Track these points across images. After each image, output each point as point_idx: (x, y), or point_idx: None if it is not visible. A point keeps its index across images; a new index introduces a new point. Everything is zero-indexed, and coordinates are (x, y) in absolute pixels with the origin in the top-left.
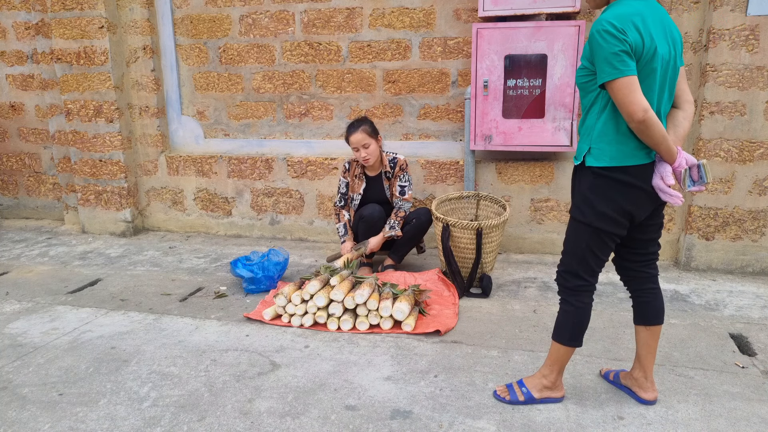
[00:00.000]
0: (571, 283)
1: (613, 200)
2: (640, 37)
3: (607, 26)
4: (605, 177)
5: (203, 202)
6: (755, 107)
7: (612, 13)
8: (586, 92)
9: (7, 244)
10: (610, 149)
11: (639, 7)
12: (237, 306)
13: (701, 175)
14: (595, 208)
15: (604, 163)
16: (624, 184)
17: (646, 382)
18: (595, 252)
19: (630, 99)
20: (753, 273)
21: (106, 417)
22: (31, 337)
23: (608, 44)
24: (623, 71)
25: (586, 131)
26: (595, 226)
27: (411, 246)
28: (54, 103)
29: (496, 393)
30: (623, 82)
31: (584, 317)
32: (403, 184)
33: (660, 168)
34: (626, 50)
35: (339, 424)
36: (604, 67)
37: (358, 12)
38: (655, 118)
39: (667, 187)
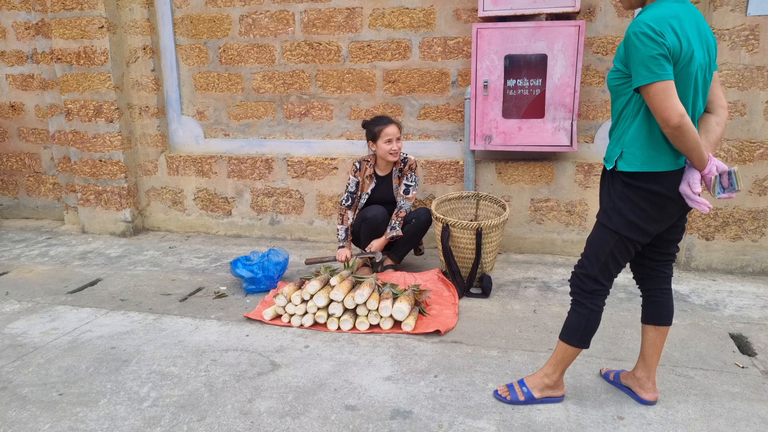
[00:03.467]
0: (589, 287)
1: (644, 210)
2: (678, 40)
3: (645, 28)
4: (637, 188)
5: (203, 202)
6: (755, 107)
7: (649, 14)
8: (618, 95)
9: (7, 244)
10: (641, 154)
11: (677, 9)
12: (237, 306)
13: (731, 182)
14: (625, 216)
15: (635, 168)
16: (655, 195)
17: (648, 382)
18: (617, 259)
19: (666, 104)
20: (753, 273)
21: (106, 417)
22: (31, 337)
23: (645, 47)
24: (660, 75)
25: (617, 135)
26: (622, 234)
27: (411, 246)
28: (54, 103)
29: (496, 392)
30: (660, 87)
31: (597, 320)
32: (409, 183)
33: (689, 175)
34: (664, 53)
35: (339, 424)
36: (640, 70)
37: (358, 12)
38: (690, 124)
39: (694, 194)
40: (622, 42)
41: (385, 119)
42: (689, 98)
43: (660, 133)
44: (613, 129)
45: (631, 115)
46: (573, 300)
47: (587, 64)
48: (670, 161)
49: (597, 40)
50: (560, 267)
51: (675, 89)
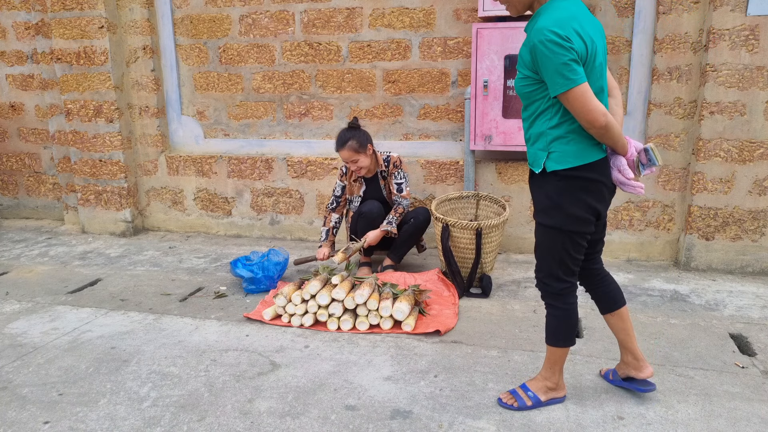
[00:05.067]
0: (555, 287)
1: (581, 200)
2: (583, 41)
3: (552, 36)
4: (571, 178)
5: (203, 202)
6: (755, 107)
7: (550, 19)
8: (532, 100)
9: (7, 244)
10: (570, 149)
11: (571, 8)
12: (237, 306)
13: (650, 158)
14: (565, 210)
15: (567, 164)
16: (590, 181)
17: (638, 361)
18: (572, 253)
19: (588, 107)
20: (753, 273)
21: (106, 417)
22: (31, 337)
23: (556, 55)
24: (576, 80)
25: (537, 137)
26: (567, 230)
27: (410, 246)
28: (54, 103)
29: (501, 401)
30: (578, 92)
31: (574, 317)
32: (399, 181)
33: (616, 162)
34: (574, 58)
35: (339, 424)
36: (555, 78)
37: (358, 12)
38: (613, 120)
39: (629, 180)
40: (524, 49)
41: (339, 141)
42: (603, 91)
43: (580, 127)
44: (528, 131)
45: (549, 116)
46: (546, 304)
47: None
48: (597, 151)
49: None
50: None
51: (590, 90)
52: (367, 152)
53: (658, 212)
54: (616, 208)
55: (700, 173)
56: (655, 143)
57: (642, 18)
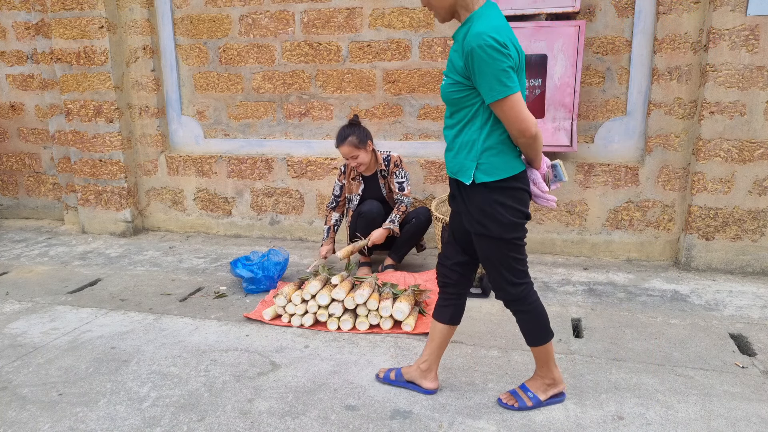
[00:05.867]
0: (512, 293)
1: (513, 207)
2: (516, 50)
3: (491, 41)
4: (500, 189)
5: (203, 202)
6: (755, 107)
7: (489, 26)
8: (460, 107)
9: (7, 244)
10: (498, 161)
11: (500, 18)
12: (237, 306)
13: (557, 174)
14: (499, 220)
15: (498, 176)
16: (517, 190)
17: (431, 374)
18: (517, 257)
19: (522, 116)
20: (753, 273)
21: (106, 417)
22: (31, 337)
23: (495, 61)
24: (513, 88)
25: (465, 147)
26: (506, 238)
27: (411, 245)
28: (54, 103)
29: (501, 401)
30: (514, 100)
31: (542, 312)
32: (401, 180)
33: (531, 176)
34: (512, 65)
35: (339, 424)
36: (494, 85)
37: (358, 12)
38: (540, 132)
39: (544, 193)
40: (456, 54)
41: (339, 137)
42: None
43: (507, 138)
44: (453, 139)
45: (479, 126)
46: (512, 311)
47: (587, 64)
48: (520, 163)
49: (597, 40)
50: (560, 267)
51: (523, 99)
52: (367, 148)
53: (658, 212)
54: (616, 208)
55: (700, 173)
56: (655, 143)
57: (642, 18)
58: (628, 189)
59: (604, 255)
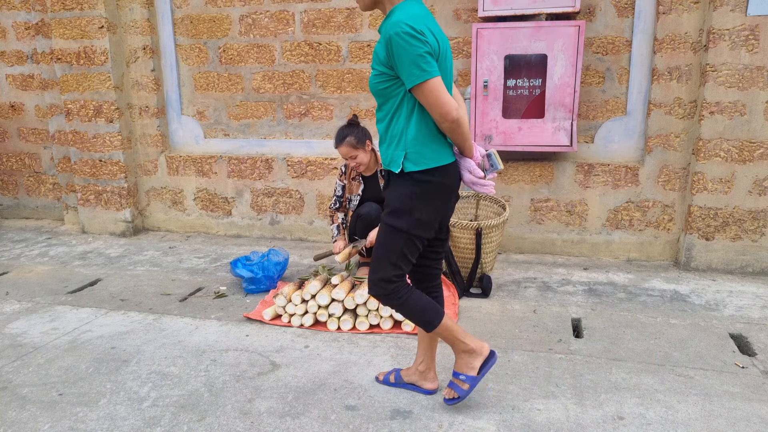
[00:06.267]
0: (386, 289)
1: (432, 204)
2: (435, 38)
3: (407, 28)
4: (426, 182)
5: (203, 202)
6: (755, 107)
7: (406, 15)
8: (387, 98)
9: (7, 244)
10: (426, 150)
11: (422, 10)
12: (237, 306)
13: (492, 163)
14: (413, 215)
15: (425, 165)
16: (442, 186)
17: (431, 373)
18: (407, 256)
19: (442, 100)
20: (753, 273)
21: (106, 417)
22: (31, 337)
23: (412, 46)
24: (431, 72)
25: (394, 137)
26: (411, 233)
27: None
28: (54, 103)
29: (445, 399)
30: (433, 84)
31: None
32: None
33: (466, 164)
34: (429, 51)
35: (339, 424)
36: (412, 69)
37: (358, 12)
38: (465, 115)
39: (480, 180)
40: (380, 45)
41: (337, 137)
42: (450, 91)
43: (436, 128)
44: (385, 132)
45: (406, 115)
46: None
47: (587, 64)
48: (449, 154)
49: (597, 40)
50: (560, 267)
51: (443, 84)
52: (366, 148)
53: (658, 212)
54: (616, 208)
55: (700, 173)
56: (655, 143)
57: (642, 18)
58: (628, 189)
59: (604, 255)
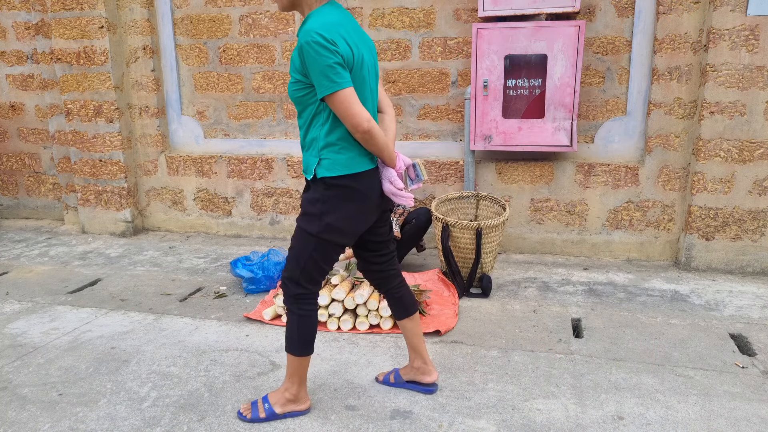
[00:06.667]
0: (293, 291)
1: (344, 210)
2: (348, 46)
3: (318, 38)
4: (338, 187)
5: (203, 202)
6: (755, 107)
7: (317, 23)
8: (305, 105)
9: (7, 244)
10: (339, 158)
11: (338, 16)
12: (237, 306)
13: (417, 174)
14: (324, 219)
15: (336, 172)
16: (356, 192)
17: (427, 365)
18: (319, 262)
19: (352, 111)
20: (753, 273)
21: (106, 417)
22: (31, 337)
23: (321, 57)
24: (341, 84)
25: (311, 143)
26: (322, 238)
27: (411, 246)
28: (54, 103)
29: (239, 412)
30: (343, 95)
31: (310, 325)
32: None
33: (386, 174)
34: (339, 62)
35: (339, 424)
36: (321, 80)
37: (358, 12)
38: (377, 127)
39: (399, 191)
40: (295, 52)
41: None
42: (368, 101)
43: (352, 137)
44: (304, 138)
45: (321, 122)
46: (286, 307)
47: (587, 64)
48: (366, 161)
49: (597, 40)
50: (560, 267)
51: (356, 95)
52: None
53: (658, 212)
54: (616, 208)
55: (700, 173)
56: (655, 143)
57: (642, 18)
58: (628, 189)
59: (604, 255)
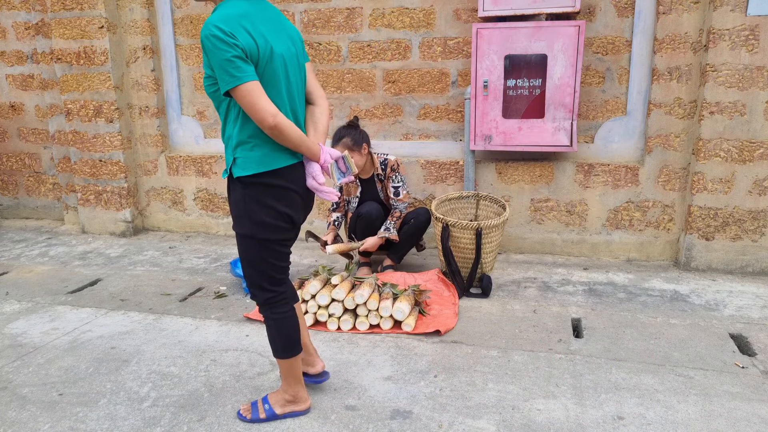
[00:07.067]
0: (260, 297)
1: (269, 206)
2: (252, 39)
3: (215, 31)
4: (255, 185)
5: (203, 202)
6: (755, 107)
7: (217, 16)
8: (219, 102)
9: (7, 244)
10: (253, 155)
11: (245, 7)
12: (237, 306)
13: (347, 166)
14: (252, 218)
15: (250, 170)
16: (275, 188)
17: (311, 356)
18: (271, 261)
19: (257, 106)
20: (753, 273)
21: (106, 417)
22: (31, 337)
23: (219, 50)
24: (241, 78)
25: (227, 141)
26: (259, 237)
27: (410, 246)
28: (54, 103)
29: (239, 413)
30: (245, 89)
31: (288, 327)
32: (396, 184)
33: (309, 168)
34: (239, 55)
35: (339, 424)
36: (222, 75)
37: (358, 12)
38: (286, 122)
39: (321, 186)
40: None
41: (334, 137)
42: (283, 95)
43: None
44: (222, 136)
45: (233, 119)
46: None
47: (587, 64)
48: (285, 156)
49: (597, 40)
50: (560, 267)
51: (261, 89)
52: (362, 151)
53: (658, 212)
54: (616, 208)
55: (700, 173)
56: (655, 143)
57: (642, 18)
58: (628, 189)
59: (604, 255)
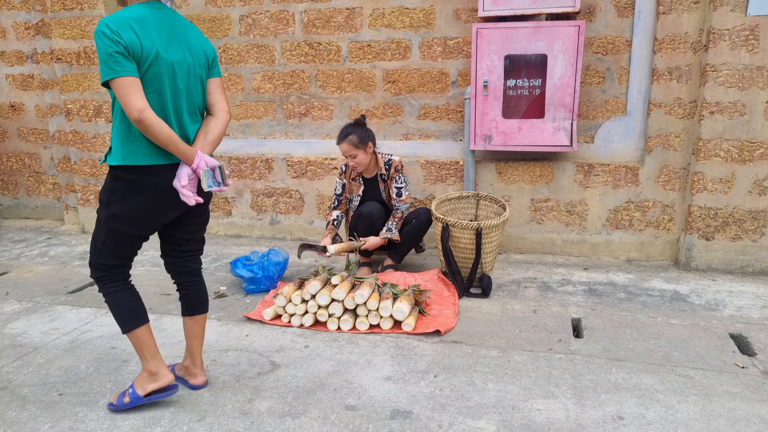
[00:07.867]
0: (94, 275)
1: (132, 201)
2: (138, 40)
3: (103, 28)
4: (122, 179)
5: None
6: (755, 107)
7: (112, 16)
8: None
9: (7, 244)
10: (123, 148)
11: (143, 13)
12: (237, 306)
13: (222, 178)
14: (111, 208)
15: (117, 161)
16: (140, 186)
17: (195, 368)
18: (114, 250)
19: (127, 99)
20: (753, 273)
21: (106, 417)
22: (31, 337)
23: (103, 44)
24: (119, 72)
25: (112, 131)
26: (109, 226)
27: (411, 246)
28: (54, 103)
29: (110, 403)
30: (120, 83)
31: (120, 299)
32: (399, 185)
33: (179, 170)
34: (120, 51)
35: (339, 424)
36: (102, 67)
37: (358, 12)
38: (153, 118)
39: (181, 188)
40: None
41: (340, 134)
42: (167, 96)
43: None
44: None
45: (116, 111)
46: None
47: (587, 64)
48: (157, 156)
49: (597, 40)
50: (560, 267)
51: (137, 86)
52: (367, 150)
53: (658, 212)
54: (616, 208)
55: (700, 173)
56: (655, 143)
57: (642, 18)
58: (628, 189)
59: (604, 255)
